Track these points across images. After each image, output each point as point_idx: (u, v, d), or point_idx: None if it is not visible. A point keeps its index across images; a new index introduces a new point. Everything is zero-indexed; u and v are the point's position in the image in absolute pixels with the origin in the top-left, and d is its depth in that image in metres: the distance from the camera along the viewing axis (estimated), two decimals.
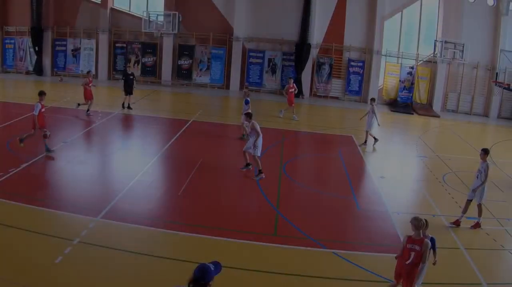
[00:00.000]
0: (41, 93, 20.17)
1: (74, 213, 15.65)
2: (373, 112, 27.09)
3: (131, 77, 29.59)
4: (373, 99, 27.93)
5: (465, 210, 17.89)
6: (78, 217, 15.38)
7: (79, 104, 27.52)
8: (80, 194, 17.42)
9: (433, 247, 11.48)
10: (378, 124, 27.81)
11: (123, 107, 29.34)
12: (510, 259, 15.76)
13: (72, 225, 14.91)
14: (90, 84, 27.42)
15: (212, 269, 6.97)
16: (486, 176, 17.59)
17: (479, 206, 17.93)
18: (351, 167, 24.30)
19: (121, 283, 11.93)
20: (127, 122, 27.70)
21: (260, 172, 20.24)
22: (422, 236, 11.32)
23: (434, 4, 41.17)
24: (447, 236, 16.64)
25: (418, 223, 11.39)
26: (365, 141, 27.51)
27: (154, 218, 15.81)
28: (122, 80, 29.35)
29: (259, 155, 20.50)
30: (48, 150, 20.46)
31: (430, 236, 11.57)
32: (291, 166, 23.49)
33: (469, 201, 17.90)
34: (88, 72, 29.34)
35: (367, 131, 27.50)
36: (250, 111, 23.04)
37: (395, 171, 24.77)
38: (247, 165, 21.15)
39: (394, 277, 11.95)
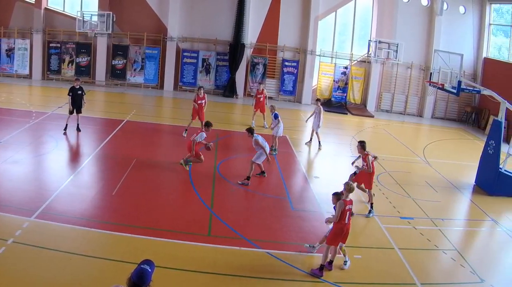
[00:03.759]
0: None
1: (8, 213, 16.87)
2: (319, 112, 29.77)
3: (80, 92, 27.77)
4: (318, 100, 31.38)
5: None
6: (12, 217, 16.62)
7: None
8: (14, 194, 18.67)
9: None
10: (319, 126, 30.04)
11: (65, 130, 27.65)
12: (444, 259, 17.36)
13: (6, 225, 16.00)
14: None
15: (149, 270, 7.68)
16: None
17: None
18: (285, 166, 26.34)
19: (57, 284, 13.10)
20: (61, 122, 28.30)
21: (248, 178, 22.35)
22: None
23: (368, 4, 47.00)
24: (381, 236, 18.58)
25: (350, 187, 14.92)
26: (310, 140, 30.59)
27: (88, 218, 17.24)
28: (69, 97, 27.44)
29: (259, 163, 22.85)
30: None
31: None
32: (225, 165, 25.40)
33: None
34: None
35: (314, 131, 30.30)
36: (252, 127, 25.57)
37: (329, 171, 26.92)
38: (262, 172, 23.49)
39: (335, 241, 14.93)
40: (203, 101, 29.15)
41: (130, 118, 32.99)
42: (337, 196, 15.49)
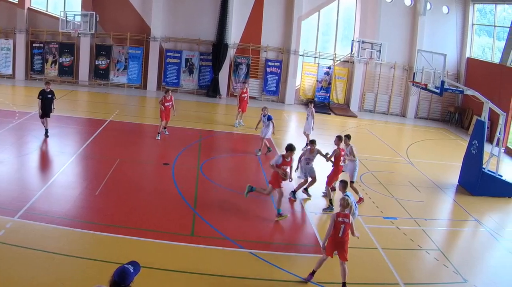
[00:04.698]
0: None
1: None
2: (312, 115, 29.80)
3: (50, 96, 26.92)
4: (311, 102, 31.20)
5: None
6: None
7: None
8: None
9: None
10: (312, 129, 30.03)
11: (47, 135, 27.02)
12: (427, 259, 17.51)
13: None
14: None
15: (131, 270, 7.70)
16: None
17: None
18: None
19: (41, 283, 13.14)
20: (49, 123, 27.56)
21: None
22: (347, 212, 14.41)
23: (352, 4, 47.25)
24: (364, 236, 18.44)
25: (345, 203, 14.49)
26: (307, 144, 28.21)
27: (72, 218, 17.28)
28: (39, 100, 26.56)
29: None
30: None
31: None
32: (208, 165, 25.52)
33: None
34: None
35: (306, 134, 29.96)
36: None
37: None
38: (306, 189, 22.47)
39: (327, 253, 14.57)
40: (170, 103, 28.78)
41: (113, 118, 33.12)
42: (344, 184, 17.12)
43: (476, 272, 17.16)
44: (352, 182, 21.52)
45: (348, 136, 22.22)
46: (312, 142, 22.03)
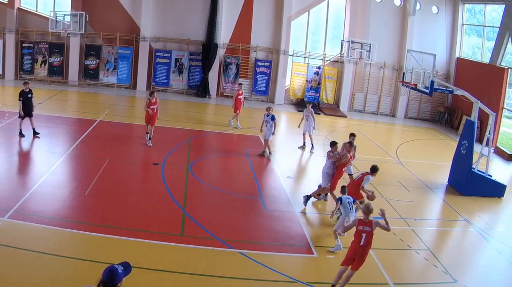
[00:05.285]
0: None
1: None
2: (312, 115, 30.06)
3: (30, 95, 26.86)
4: (309, 103, 31.88)
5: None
6: None
7: None
8: None
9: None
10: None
11: (22, 134, 26.80)
12: (416, 259, 17.56)
13: None
14: None
15: (121, 271, 7.76)
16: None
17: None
18: (258, 167, 26.66)
19: (31, 283, 13.14)
20: (35, 122, 27.63)
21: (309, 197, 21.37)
22: (369, 219, 14.19)
23: (341, 4, 47.35)
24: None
25: (367, 210, 14.37)
26: (312, 145, 30.25)
27: (61, 218, 17.27)
28: (20, 102, 26.36)
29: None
30: None
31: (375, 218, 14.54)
32: (198, 165, 25.52)
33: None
34: None
35: (309, 135, 30.25)
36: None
37: (302, 171, 27.61)
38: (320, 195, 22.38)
39: (344, 262, 14.28)
40: (155, 106, 27.93)
41: (103, 118, 33.03)
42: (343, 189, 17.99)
43: (465, 272, 17.19)
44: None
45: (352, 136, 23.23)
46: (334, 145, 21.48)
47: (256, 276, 15.14)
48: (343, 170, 21.46)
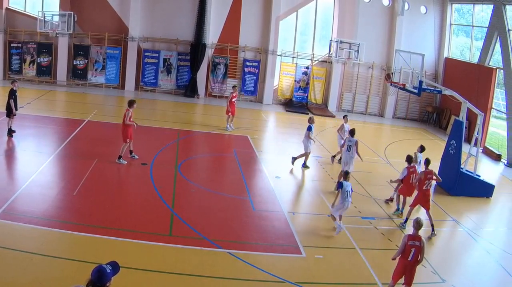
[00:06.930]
0: None
1: None
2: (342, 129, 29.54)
3: (17, 94, 26.96)
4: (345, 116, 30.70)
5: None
6: None
7: None
8: None
9: None
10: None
11: (11, 134, 26.57)
12: None
13: None
14: None
15: (109, 270, 7.80)
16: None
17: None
18: (247, 167, 26.71)
19: (18, 284, 13.13)
20: (22, 122, 28.36)
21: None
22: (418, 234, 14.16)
23: (329, 4, 47.63)
24: (342, 236, 18.72)
25: (419, 224, 14.27)
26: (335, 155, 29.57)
27: (50, 218, 17.28)
28: (12, 101, 26.27)
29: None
30: None
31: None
32: (186, 165, 25.66)
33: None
34: None
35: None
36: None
37: (290, 171, 27.08)
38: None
39: (394, 277, 14.32)
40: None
41: (91, 118, 32.97)
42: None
43: (454, 272, 17.34)
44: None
45: (352, 131, 24.77)
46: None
47: (244, 276, 15.19)
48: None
